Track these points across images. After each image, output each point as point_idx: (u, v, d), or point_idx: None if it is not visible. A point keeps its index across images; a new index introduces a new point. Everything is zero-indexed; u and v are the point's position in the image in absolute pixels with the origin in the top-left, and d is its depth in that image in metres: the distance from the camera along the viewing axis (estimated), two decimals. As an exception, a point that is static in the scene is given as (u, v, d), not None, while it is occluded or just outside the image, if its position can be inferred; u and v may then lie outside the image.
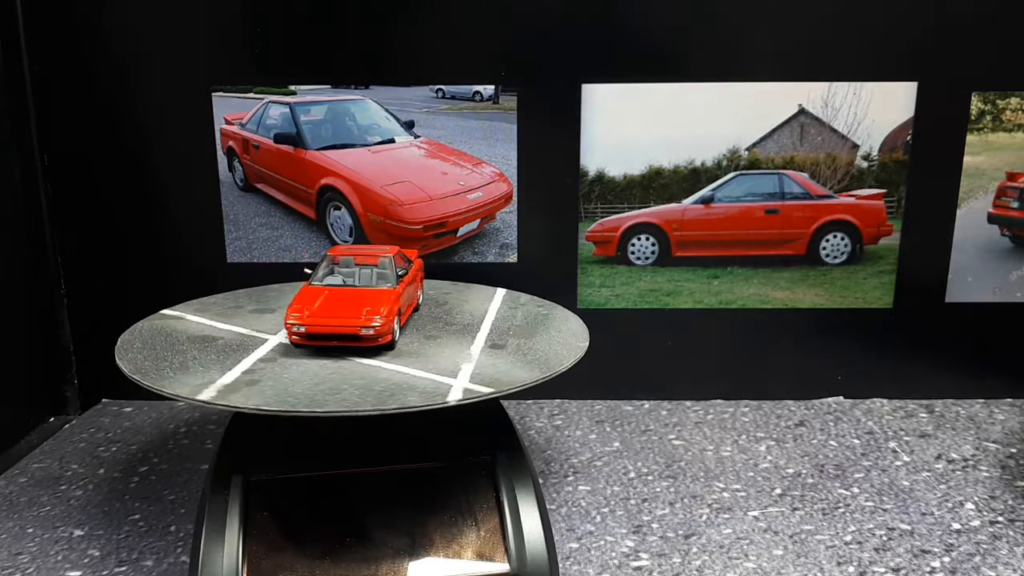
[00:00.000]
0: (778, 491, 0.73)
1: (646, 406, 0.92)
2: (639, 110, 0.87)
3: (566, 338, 0.65)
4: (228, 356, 0.61)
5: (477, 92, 0.88)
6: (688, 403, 0.93)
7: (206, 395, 0.54)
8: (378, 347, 0.60)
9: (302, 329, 0.59)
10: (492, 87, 0.87)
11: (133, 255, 0.91)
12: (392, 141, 0.89)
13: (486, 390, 0.54)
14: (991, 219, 0.90)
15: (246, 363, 0.59)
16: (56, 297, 0.91)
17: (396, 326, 0.61)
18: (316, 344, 0.60)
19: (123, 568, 0.62)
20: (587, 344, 0.64)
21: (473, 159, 0.89)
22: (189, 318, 0.71)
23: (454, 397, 0.53)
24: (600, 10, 0.84)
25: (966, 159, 0.88)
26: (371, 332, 0.59)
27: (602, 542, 0.65)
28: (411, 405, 0.52)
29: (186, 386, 0.55)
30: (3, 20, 0.84)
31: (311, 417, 0.51)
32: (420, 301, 0.73)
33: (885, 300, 0.92)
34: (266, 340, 0.65)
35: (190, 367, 0.59)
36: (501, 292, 0.79)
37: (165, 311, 0.73)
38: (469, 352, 0.62)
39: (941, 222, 0.90)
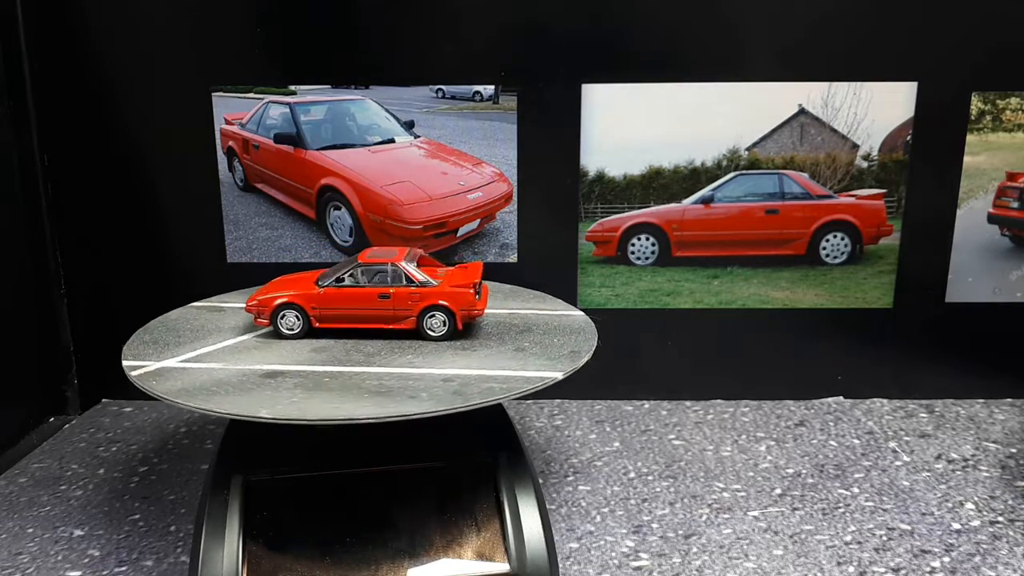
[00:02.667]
0: (778, 491, 0.73)
1: (646, 406, 0.92)
2: (639, 110, 0.87)
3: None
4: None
5: (477, 92, 0.88)
6: (688, 403, 0.93)
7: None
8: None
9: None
10: (492, 87, 0.87)
11: (133, 255, 0.91)
12: (392, 141, 0.89)
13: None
14: (991, 219, 0.90)
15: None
16: (56, 297, 0.91)
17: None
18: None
19: (123, 568, 0.62)
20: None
21: (473, 159, 0.89)
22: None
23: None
24: (600, 10, 0.84)
25: (966, 159, 0.88)
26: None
27: (602, 542, 0.65)
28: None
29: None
30: (3, 20, 0.84)
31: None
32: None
33: (885, 300, 0.92)
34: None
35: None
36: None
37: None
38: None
39: (941, 222, 0.90)
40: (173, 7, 0.85)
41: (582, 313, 0.71)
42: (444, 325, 0.64)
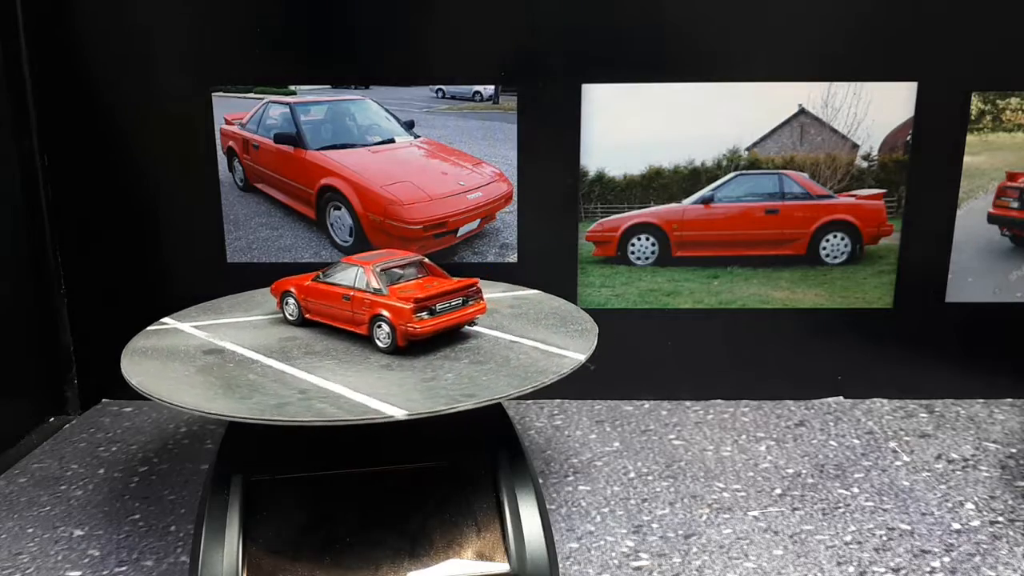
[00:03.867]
0: (778, 491, 0.73)
1: (646, 406, 0.92)
2: (639, 110, 0.87)
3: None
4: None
5: (477, 92, 0.88)
6: (688, 403, 0.93)
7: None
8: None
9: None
10: (492, 87, 0.87)
11: (133, 255, 0.91)
12: (392, 141, 0.89)
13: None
14: (991, 219, 0.90)
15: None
16: (56, 297, 0.91)
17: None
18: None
19: (123, 568, 0.62)
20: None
21: (473, 159, 0.89)
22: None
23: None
24: (600, 10, 0.84)
25: (966, 159, 0.88)
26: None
27: (602, 542, 0.65)
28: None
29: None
30: (3, 20, 0.84)
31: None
32: None
33: (885, 300, 0.92)
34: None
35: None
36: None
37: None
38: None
39: (941, 222, 0.90)
40: (173, 7, 0.85)
41: (580, 358, 0.60)
42: (389, 338, 0.61)
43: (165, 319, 0.72)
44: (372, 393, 0.54)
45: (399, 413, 0.50)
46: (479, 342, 0.63)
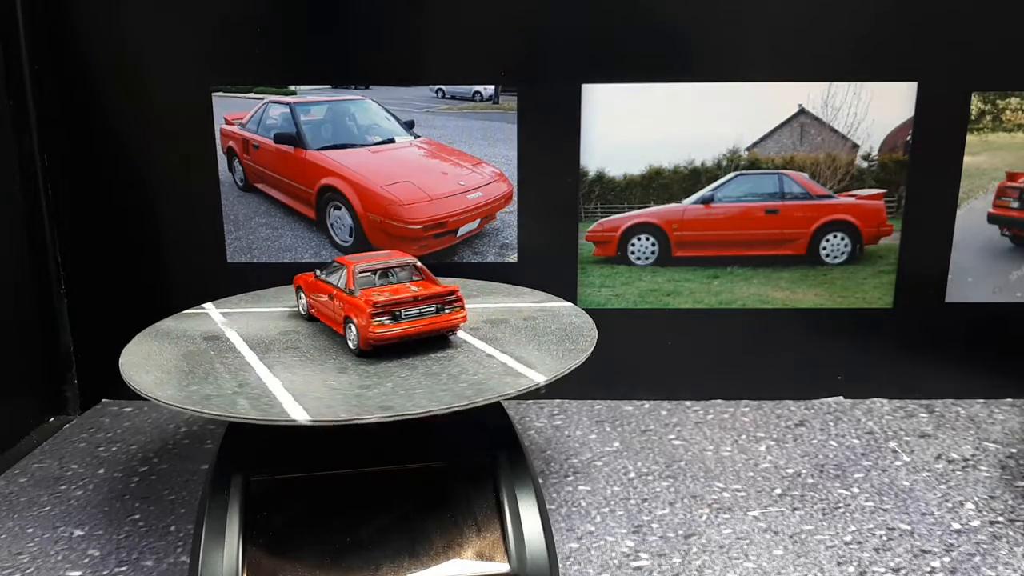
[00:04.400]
0: (778, 491, 0.73)
1: (646, 406, 0.92)
2: (639, 110, 0.87)
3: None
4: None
5: (477, 92, 0.88)
6: (688, 403, 0.93)
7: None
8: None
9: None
10: (492, 87, 0.87)
11: (133, 255, 0.91)
12: (392, 141, 0.89)
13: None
14: (991, 219, 0.90)
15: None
16: (56, 297, 0.91)
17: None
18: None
19: (123, 568, 0.62)
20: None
21: (473, 159, 0.89)
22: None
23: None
24: (600, 10, 0.84)
25: (966, 159, 0.88)
26: None
27: (602, 542, 0.65)
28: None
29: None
30: (3, 20, 0.84)
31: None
32: None
33: (885, 300, 0.92)
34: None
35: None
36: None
37: None
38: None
39: (941, 222, 0.90)
40: (173, 7, 0.85)
41: (539, 380, 0.57)
42: (355, 340, 0.60)
43: (205, 304, 0.76)
44: (298, 395, 0.53)
45: (302, 417, 0.50)
46: (454, 352, 0.61)
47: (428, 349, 0.62)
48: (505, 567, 0.54)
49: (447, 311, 0.61)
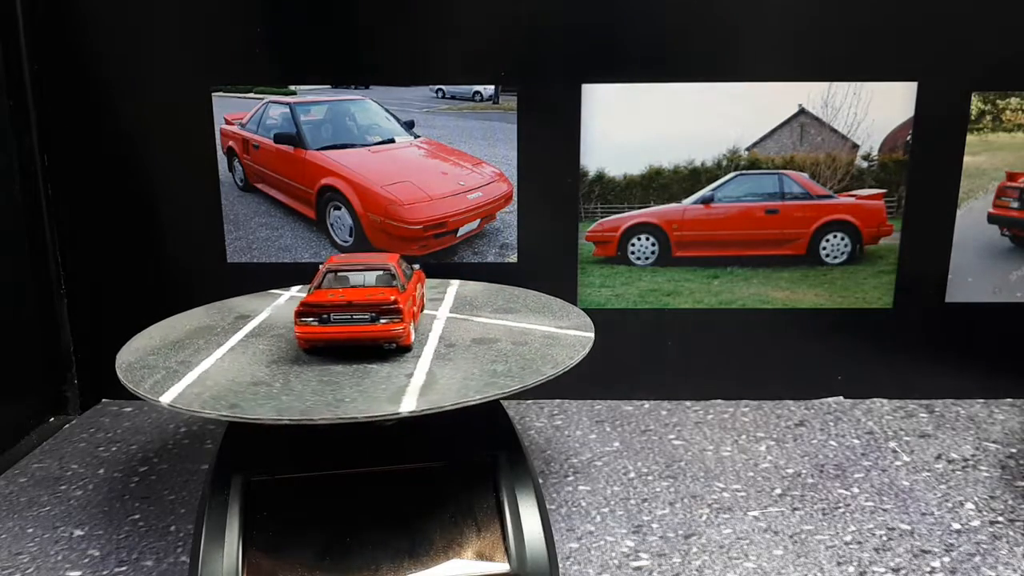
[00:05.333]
0: (778, 491, 0.73)
1: (646, 406, 0.92)
2: (639, 110, 0.87)
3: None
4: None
5: (477, 92, 0.88)
6: (688, 403, 0.93)
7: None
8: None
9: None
10: (492, 87, 0.87)
11: (133, 255, 0.91)
12: (392, 141, 0.89)
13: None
14: (991, 219, 0.90)
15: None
16: (56, 297, 0.91)
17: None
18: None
19: (123, 568, 0.62)
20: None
21: (473, 159, 0.89)
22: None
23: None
24: (600, 10, 0.84)
25: (966, 159, 0.88)
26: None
27: (602, 542, 0.65)
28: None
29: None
30: (3, 20, 0.84)
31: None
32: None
33: (885, 300, 0.92)
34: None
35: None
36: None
37: None
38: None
39: (941, 222, 0.90)
40: (173, 7, 0.85)
41: (406, 409, 0.52)
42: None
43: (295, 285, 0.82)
44: (202, 375, 0.57)
45: (165, 399, 0.54)
46: (377, 368, 0.58)
47: (362, 358, 0.59)
48: (505, 567, 0.54)
49: (382, 321, 0.58)
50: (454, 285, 0.82)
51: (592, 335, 0.65)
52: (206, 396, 0.53)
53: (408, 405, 0.51)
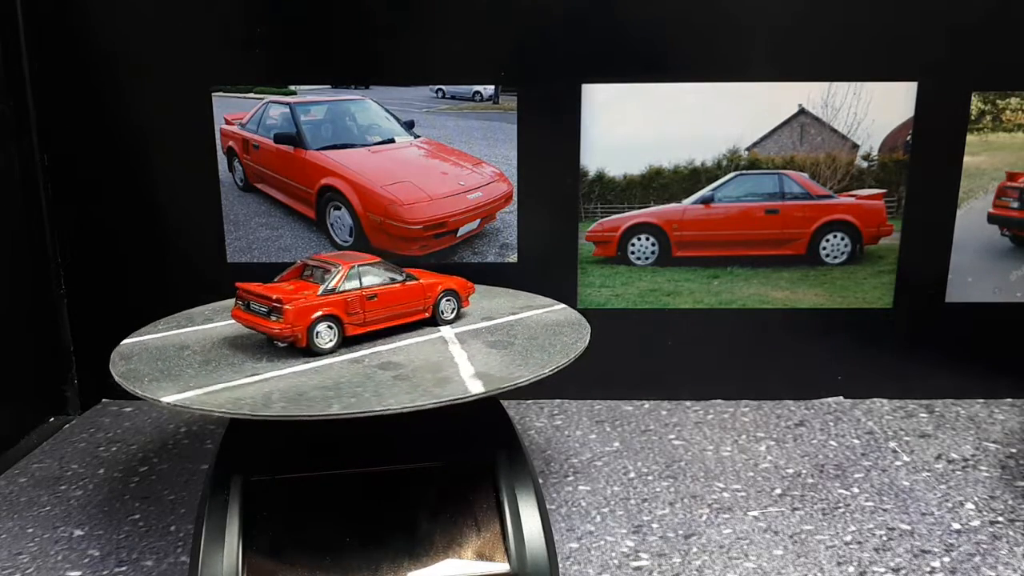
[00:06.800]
0: (778, 491, 0.73)
1: (646, 406, 0.92)
2: (639, 110, 0.87)
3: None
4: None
5: (477, 92, 0.88)
6: (688, 403, 0.93)
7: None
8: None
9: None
10: (492, 87, 0.87)
11: (133, 255, 0.91)
12: (392, 141, 0.89)
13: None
14: (991, 219, 0.90)
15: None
16: (56, 297, 0.91)
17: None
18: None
19: (123, 568, 0.62)
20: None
21: (473, 159, 0.89)
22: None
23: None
24: (600, 10, 0.84)
25: (966, 159, 0.88)
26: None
27: (602, 542, 0.65)
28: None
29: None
30: (3, 20, 0.84)
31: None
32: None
33: (885, 300, 0.92)
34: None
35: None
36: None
37: None
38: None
39: (941, 222, 0.90)
40: (173, 7, 0.85)
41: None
42: None
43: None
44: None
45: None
46: (277, 366, 0.59)
47: (263, 354, 0.62)
48: (505, 567, 0.54)
49: (272, 317, 0.60)
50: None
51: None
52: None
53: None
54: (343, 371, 0.58)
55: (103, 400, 0.95)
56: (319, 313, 0.61)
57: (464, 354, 0.61)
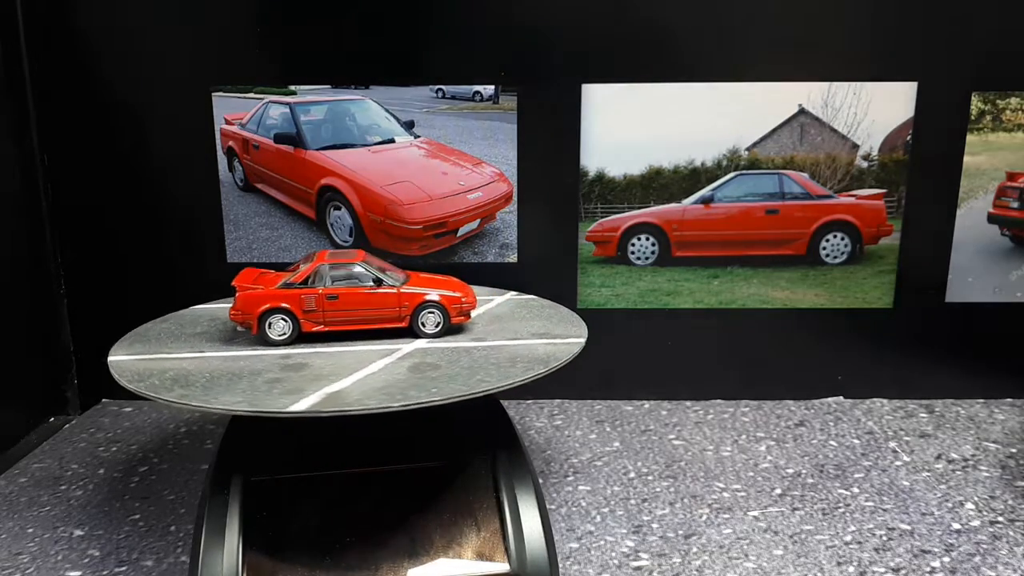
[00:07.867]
0: (778, 491, 0.73)
1: (646, 406, 0.92)
2: (639, 110, 0.87)
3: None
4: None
5: (477, 92, 0.88)
6: (688, 403, 0.93)
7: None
8: None
9: None
10: (492, 87, 0.87)
11: (133, 255, 0.91)
12: (392, 141, 0.89)
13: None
14: (991, 219, 0.90)
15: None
16: (56, 297, 0.91)
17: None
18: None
19: (123, 568, 0.62)
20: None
21: (473, 159, 0.89)
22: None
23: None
24: (600, 10, 0.84)
25: (966, 159, 0.88)
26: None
27: (602, 542, 0.65)
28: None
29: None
30: (3, 20, 0.84)
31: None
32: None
33: (885, 300, 0.92)
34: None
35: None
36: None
37: None
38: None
39: (941, 222, 0.90)
40: (173, 7, 0.85)
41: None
42: None
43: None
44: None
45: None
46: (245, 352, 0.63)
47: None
48: (505, 567, 0.54)
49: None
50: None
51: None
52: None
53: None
54: (243, 364, 0.60)
55: (103, 400, 0.95)
56: (268, 305, 0.62)
57: (368, 373, 0.58)
